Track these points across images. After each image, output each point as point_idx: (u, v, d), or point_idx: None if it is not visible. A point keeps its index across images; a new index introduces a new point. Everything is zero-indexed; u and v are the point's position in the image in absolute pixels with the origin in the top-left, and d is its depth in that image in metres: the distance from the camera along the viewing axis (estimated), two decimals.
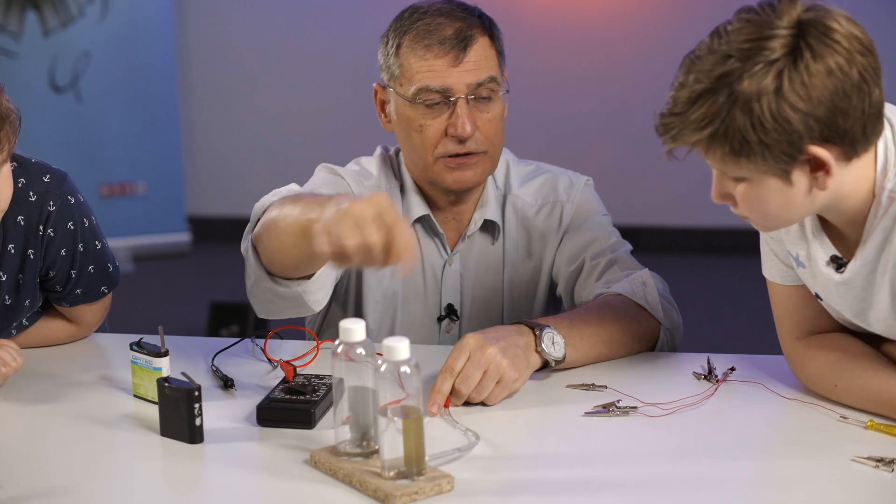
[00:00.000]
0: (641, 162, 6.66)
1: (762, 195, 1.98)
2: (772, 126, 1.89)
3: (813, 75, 1.88)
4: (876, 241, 2.04)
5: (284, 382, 2.30)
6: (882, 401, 2.13)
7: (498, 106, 2.59)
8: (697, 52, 1.96)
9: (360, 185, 2.68)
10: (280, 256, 2.29)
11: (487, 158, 2.59)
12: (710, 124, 1.92)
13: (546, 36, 6.77)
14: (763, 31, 1.91)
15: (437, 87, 2.54)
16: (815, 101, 1.88)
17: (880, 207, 2.02)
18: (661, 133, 1.99)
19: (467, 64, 2.54)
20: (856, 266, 2.08)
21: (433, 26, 2.55)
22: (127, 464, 2.12)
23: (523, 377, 2.28)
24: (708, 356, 2.39)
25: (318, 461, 2.02)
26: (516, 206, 2.71)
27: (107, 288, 2.63)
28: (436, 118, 2.55)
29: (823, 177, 1.94)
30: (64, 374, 2.48)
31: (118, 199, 6.87)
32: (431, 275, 2.70)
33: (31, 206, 2.47)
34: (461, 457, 2.04)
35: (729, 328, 5.73)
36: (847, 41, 1.90)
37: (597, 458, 2.06)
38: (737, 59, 1.90)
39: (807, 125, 1.89)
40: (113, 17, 6.69)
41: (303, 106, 7.10)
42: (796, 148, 1.91)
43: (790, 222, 2.08)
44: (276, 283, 2.35)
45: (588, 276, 2.62)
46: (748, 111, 1.89)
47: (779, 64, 1.88)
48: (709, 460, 2.05)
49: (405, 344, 1.90)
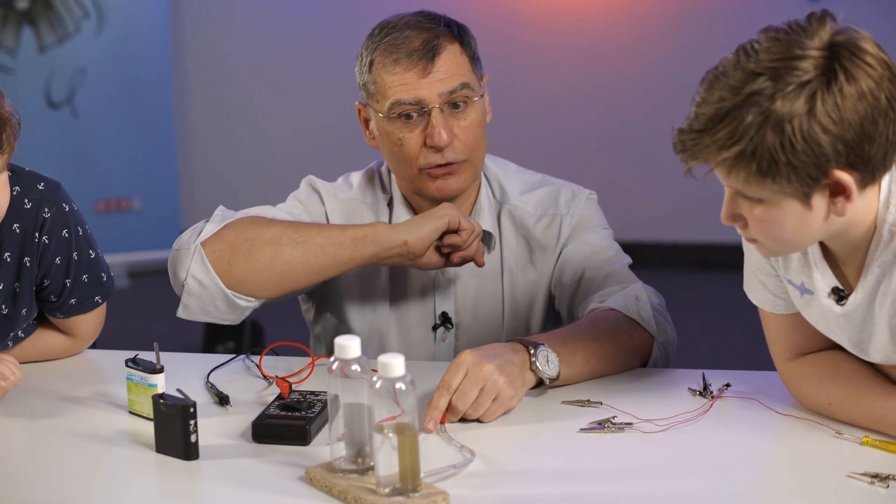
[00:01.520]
0: (638, 178, 6.67)
1: (779, 218, 1.96)
2: (802, 147, 1.86)
3: (846, 98, 1.86)
4: (875, 275, 2.03)
5: (280, 399, 2.30)
6: (876, 417, 2.13)
7: (474, 111, 2.59)
8: (721, 69, 1.93)
9: (335, 198, 2.71)
10: (299, 270, 2.50)
11: (468, 165, 2.60)
12: (739, 143, 1.89)
13: (544, 51, 6.78)
14: (794, 51, 1.88)
15: (410, 99, 2.55)
16: (845, 125, 1.86)
17: (881, 240, 2.01)
18: (679, 150, 1.95)
19: (437, 73, 2.54)
20: (856, 299, 2.07)
21: (400, 40, 2.56)
22: (122, 480, 2.12)
23: (519, 395, 2.28)
24: (703, 372, 2.39)
25: (313, 478, 2.02)
26: (514, 215, 2.71)
27: (101, 297, 2.63)
28: (413, 131, 2.56)
29: (843, 202, 1.93)
30: (59, 390, 2.48)
31: (114, 215, 6.87)
32: (425, 283, 2.70)
33: (26, 214, 2.47)
34: (457, 473, 2.04)
35: (724, 344, 5.73)
36: (878, 65, 1.89)
37: (592, 474, 2.06)
38: (768, 78, 1.87)
39: (835, 148, 1.87)
40: (109, 32, 6.69)
41: (298, 121, 7.10)
42: (822, 171, 1.89)
43: (800, 248, 2.06)
44: (237, 297, 2.51)
45: (586, 290, 2.62)
46: (780, 131, 1.86)
47: (812, 85, 1.86)
48: (704, 477, 2.05)
49: (400, 360, 1.90)
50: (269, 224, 2.53)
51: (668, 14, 6.69)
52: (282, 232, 2.51)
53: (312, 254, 2.50)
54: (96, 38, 6.68)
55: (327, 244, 2.50)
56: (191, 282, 2.50)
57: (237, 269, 2.50)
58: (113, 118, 6.78)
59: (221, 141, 7.25)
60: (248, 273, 2.50)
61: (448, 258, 2.55)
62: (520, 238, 2.71)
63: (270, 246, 2.49)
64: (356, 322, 2.72)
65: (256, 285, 2.51)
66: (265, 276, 2.50)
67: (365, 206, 2.72)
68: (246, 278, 2.50)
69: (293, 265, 2.50)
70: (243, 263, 2.50)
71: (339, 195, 2.72)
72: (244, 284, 2.51)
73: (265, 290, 2.53)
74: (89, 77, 6.69)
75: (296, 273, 2.51)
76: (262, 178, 7.11)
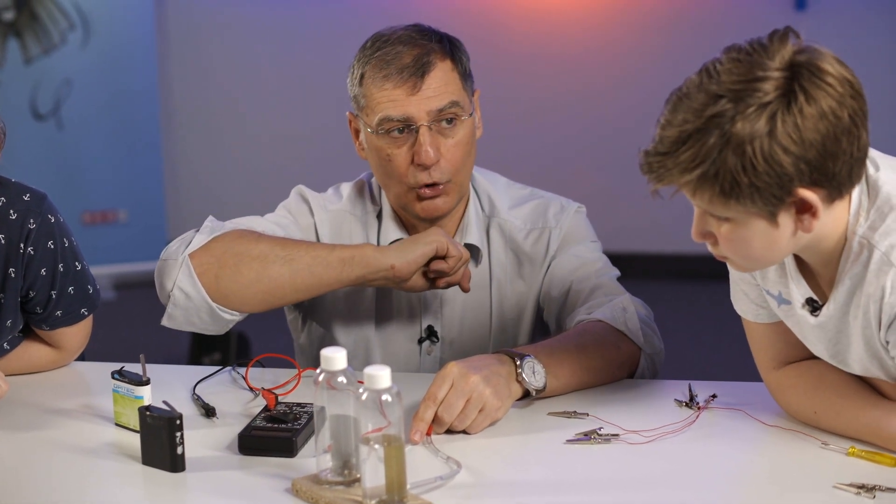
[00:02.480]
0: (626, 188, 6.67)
1: (746, 236, 1.96)
2: (763, 169, 1.87)
3: (806, 118, 1.86)
4: (847, 287, 2.03)
5: (266, 411, 2.29)
6: (860, 426, 2.14)
7: (463, 130, 2.58)
8: (685, 90, 1.93)
9: (324, 210, 2.71)
10: (286, 287, 2.50)
11: (453, 185, 2.59)
12: (700, 165, 1.89)
13: (531, 62, 6.78)
14: (755, 72, 1.88)
15: (398, 116, 2.54)
16: (806, 145, 1.86)
17: (851, 252, 2.00)
18: (646, 171, 1.96)
19: (427, 91, 2.53)
20: (829, 311, 2.07)
21: (392, 55, 2.55)
22: (108, 492, 2.11)
23: (505, 406, 2.28)
24: (689, 383, 2.40)
25: (299, 489, 2.02)
26: (504, 228, 2.71)
27: (87, 310, 2.63)
28: (401, 147, 2.56)
29: (809, 219, 1.93)
30: (45, 403, 2.47)
31: (100, 227, 6.86)
32: (411, 296, 2.70)
33: (11, 225, 2.47)
34: (443, 485, 2.04)
35: (711, 355, 5.73)
36: (839, 84, 1.88)
37: (578, 485, 2.06)
38: (728, 100, 1.87)
39: (798, 168, 1.87)
40: (95, 44, 6.68)
41: (285, 133, 7.10)
42: (786, 191, 1.89)
43: (771, 263, 2.07)
44: (222, 310, 2.52)
45: (573, 302, 2.62)
46: (740, 153, 1.86)
47: (772, 106, 1.86)
48: (690, 488, 2.05)
49: (386, 372, 1.90)
50: (258, 239, 2.53)
51: (656, 24, 6.70)
52: (270, 248, 2.51)
53: (299, 273, 2.50)
54: (82, 50, 6.67)
55: (315, 263, 2.50)
56: (177, 293, 2.50)
57: (224, 284, 2.50)
58: (99, 130, 6.77)
59: (208, 153, 7.24)
60: (234, 288, 2.50)
61: (434, 282, 2.55)
62: (508, 251, 2.71)
63: (258, 262, 2.49)
64: (341, 333, 2.71)
65: (242, 300, 2.51)
66: (251, 292, 2.50)
67: (354, 218, 2.72)
68: (232, 293, 2.50)
69: (279, 283, 2.50)
70: (230, 278, 2.50)
71: (329, 206, 2.72)
72: (230, 299, 2.51)
73: (250, 305, 2.53)
74: (75, 89, 6.68)
75: (282, 290, 2.51)
76: (250, 189, 7.10)
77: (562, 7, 6.73)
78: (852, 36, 6.17)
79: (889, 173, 2.02)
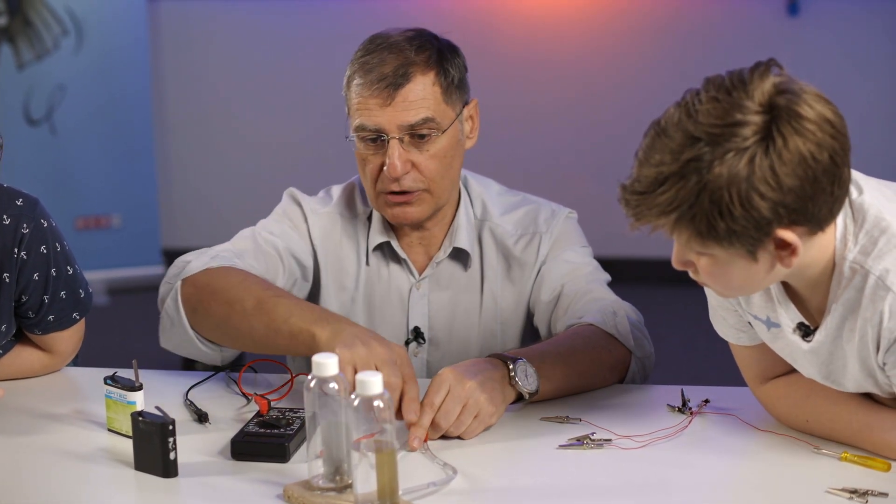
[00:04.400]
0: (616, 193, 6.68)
1: (725, 271, 1.95)
2: (740, 213, 1.85)
3: (784, 164, 1.83)
4: (839, 312, 2.01)
5: (258, 416, 2.29)
6: (853, 431, 2.14)
7: (439, 143, 2.56)
8: (663, 125, 1.90)
9: (315, 213, 2.72)
10: (246, 340, 2.45)
11: (428, 195, 2.58)
12: (678, 209, 1.88)
13: (523, 67, 6.79)
14: (734, 115, 1.85)
15: (371, 126, 2.54)
16: (785, 190, 1.84)
17: (842, 277, 1.99)
18: (624, 207, 1.95)
19: (401, 104, 2.52)
20: (821, 336, 2.05)
21: (375, 61, 2.54)
22: (101, 498, 2.11)
23: (500, 411, 2.28)
24: (682, 388, 2.40)
25: (291, 495, 2.02)
26: (495, 233, 2.71)
27: (79, 314, 2.62)
28: (375, 154, 2.56)
29: (788, 256, 1.91)
30: (38, 408, 2.47)
31: (93, 232, 6.85)
32: (398, 298, 2.70)
33: (4, 230, 2.47)
34: (436, 491, 2.04)
35: (703, 360, 5.73)
36: (819, 128, 1.85)
37: (571, 491, 2.07)
38: (706, 143, 1.85)
39: (776, 212, 1.85)
40: (88, 49, 6.68)
41: (278, 138, 7.09)
42: (764, 232, 1.87)
43: (752, 292, 2.07)
44: (202, 342, 2.52)
45: (564, 307, 2.63)
46: (717, 199, 1.85)
47: (749, 151, 1.83)
48: (683, 493, 2.05)
49: (378, 378, 1.90)
50: (239, 283, 2.48)
51: (649, 31, 6.70)
52: (243, 295, 2.44)
53: (255, 331, 2.43)
54: (75, 56, 6.67)
55: (269, 329, 2.39)
56: (164, 317, 2.52)
57: (199, 317, 2.50)
58: (92, 135, 6.76)
59: (201, 158, 7.24)
60: (205, 324, 2.50)
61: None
62: (500, 255, 2.71)
63: (226, 307, 2.45)
64: None
65: (214, 336, 2.52)
66: (219, 333, 2.50)
67: (344, 220, 2.72)
68: (205, 329, 2.51)
69: (240, 333, 2.45)
70: (203, 314, 2.49)
71: (320, 209, 2.72)
72: (204, 332, 2.52)
73: (223, 343, 2.53)
74: (68, 94, 6.67)
75: (242, 340, 2.47)
76: (242, 195, 7.10)
77: (555, 13, 6.73)
78: (844, 41, 6.19)
79: (874, 194, 2.01)
